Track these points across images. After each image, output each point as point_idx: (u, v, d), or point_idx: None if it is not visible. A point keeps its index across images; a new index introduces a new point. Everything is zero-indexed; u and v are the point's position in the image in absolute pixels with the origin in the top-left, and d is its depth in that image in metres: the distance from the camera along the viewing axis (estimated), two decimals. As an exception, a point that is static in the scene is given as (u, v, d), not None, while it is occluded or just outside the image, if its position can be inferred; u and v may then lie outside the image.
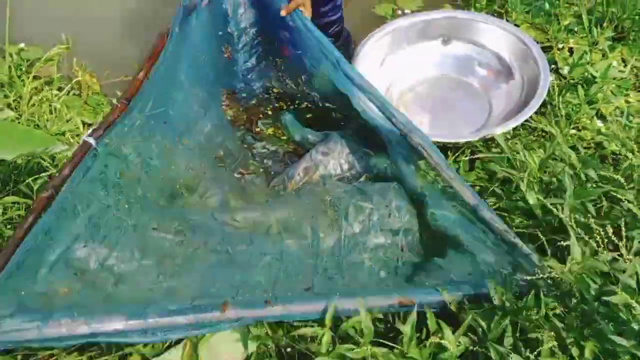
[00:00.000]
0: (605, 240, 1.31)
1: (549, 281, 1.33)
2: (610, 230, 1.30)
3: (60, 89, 2.46)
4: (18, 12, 2.54)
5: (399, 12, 3.01)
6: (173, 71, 1.90)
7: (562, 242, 1.36)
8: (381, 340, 1.35)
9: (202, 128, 2.00)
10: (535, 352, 1.20)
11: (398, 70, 2.43)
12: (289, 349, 1.43)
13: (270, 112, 2.24)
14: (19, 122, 2.06)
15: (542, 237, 1.47)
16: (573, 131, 2.01)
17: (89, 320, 1.25)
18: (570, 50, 2.41)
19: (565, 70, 2.28)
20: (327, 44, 1.86)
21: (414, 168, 1.78)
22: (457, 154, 2.03)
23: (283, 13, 1.94)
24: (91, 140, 1.56)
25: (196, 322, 1.33)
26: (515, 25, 2.52)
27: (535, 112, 2.04)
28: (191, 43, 1.96)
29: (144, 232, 1.55)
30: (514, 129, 2.04)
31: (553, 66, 2.32)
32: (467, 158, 1.99)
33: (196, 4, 1.95)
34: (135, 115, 1.70)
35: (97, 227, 1.47)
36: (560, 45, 2.42)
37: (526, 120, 2.03)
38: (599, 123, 2.04)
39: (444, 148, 2.05)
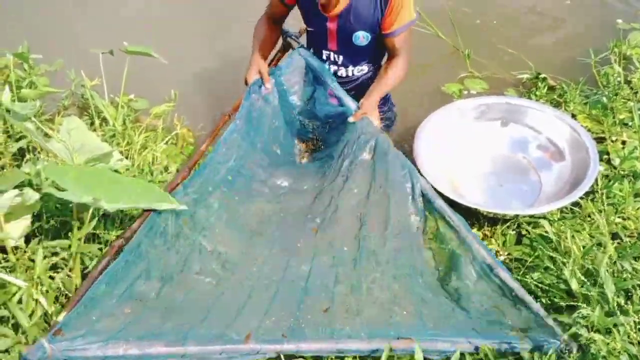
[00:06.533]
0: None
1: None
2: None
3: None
4: (130, 68, 2.92)
5: (465, 92, 3.28)
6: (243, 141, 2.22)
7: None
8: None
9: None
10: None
11: (459, 144, 2.64)
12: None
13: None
14: (129, 169, 2.41)
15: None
16: (618, 219, 2.16)
17: (138, 344, 1.53)
18: (624, 143, 2.56)
19: (616, 162, 2.43)
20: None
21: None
22: (504, 227, 2.22)
23: (351, 119, 2.13)
24: None
25: (223, 351, 1.56)
26: (572, 115, 2.71)
27: (584, 198, 2.20)
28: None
29: (187, 275, 1.84)
30: (562, 210, 2.20)
31: (605, 156, 2.48)
32: (514, 232, 2.17)
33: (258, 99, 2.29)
34: (197, 180, 2.01)
35: (148, 271, 1.78)
36: (613, 138, 2.58)
37: (574, 204, 2.19)
38: (643, 214, 2.17)
39: (493, 219, 2.25)
